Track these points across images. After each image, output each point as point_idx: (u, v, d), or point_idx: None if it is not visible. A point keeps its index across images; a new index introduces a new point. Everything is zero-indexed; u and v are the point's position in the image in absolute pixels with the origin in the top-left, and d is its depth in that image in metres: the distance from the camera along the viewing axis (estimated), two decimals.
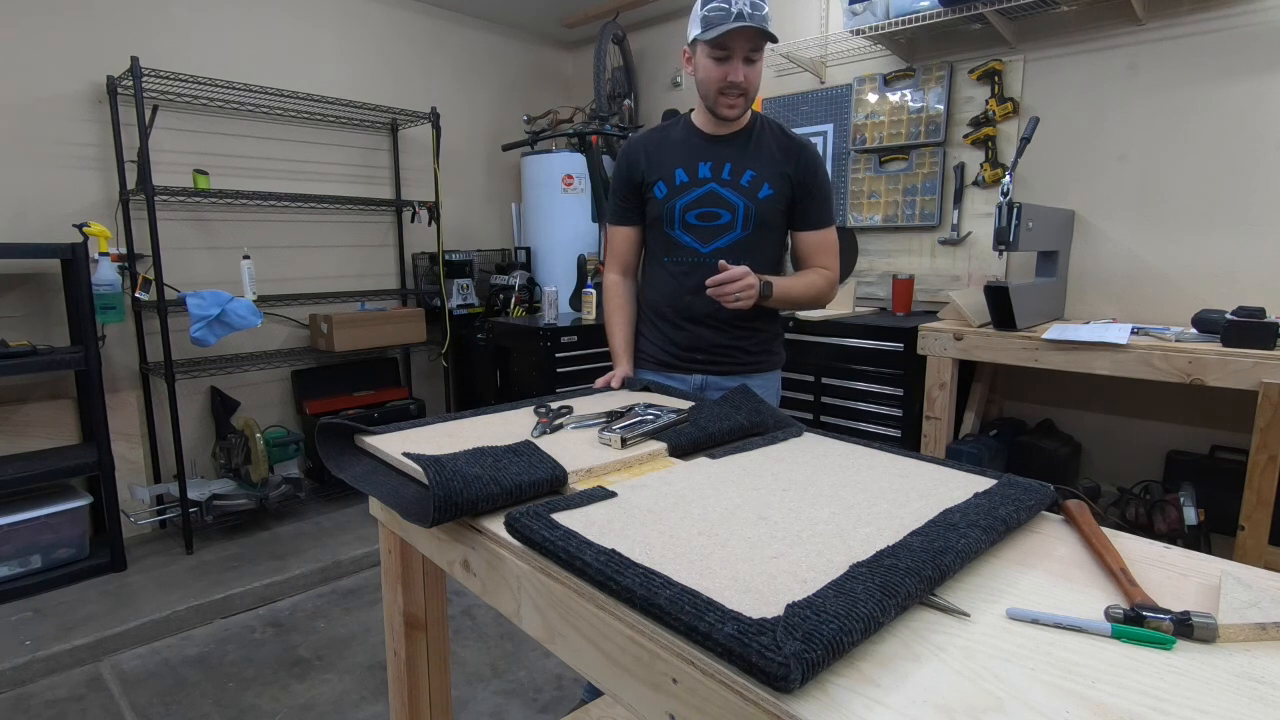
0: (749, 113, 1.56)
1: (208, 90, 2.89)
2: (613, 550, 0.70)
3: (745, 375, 1.61)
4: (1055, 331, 2.08)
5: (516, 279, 3.59)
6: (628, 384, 1.54)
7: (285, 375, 3.33)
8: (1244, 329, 1.83)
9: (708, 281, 1.41)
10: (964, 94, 2.72)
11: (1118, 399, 2.51)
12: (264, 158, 3.17)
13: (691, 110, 1.61)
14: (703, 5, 1.39)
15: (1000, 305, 2.15)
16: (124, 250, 2.73)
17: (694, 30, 1.43)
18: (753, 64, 1.45)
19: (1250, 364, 1.77)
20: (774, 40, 1.42)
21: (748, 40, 1.40)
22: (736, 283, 1.39)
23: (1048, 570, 0.73)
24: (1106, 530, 0.80)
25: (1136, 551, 0.78)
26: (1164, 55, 2.30)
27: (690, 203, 1.54)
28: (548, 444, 1.05)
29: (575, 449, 1.04)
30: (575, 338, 3.00)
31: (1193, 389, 2.26)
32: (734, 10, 1.35)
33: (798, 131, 3.20)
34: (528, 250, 3.79)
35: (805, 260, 1.61)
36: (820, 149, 3.16)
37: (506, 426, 1.17)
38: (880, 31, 2.63)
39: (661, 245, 1.60)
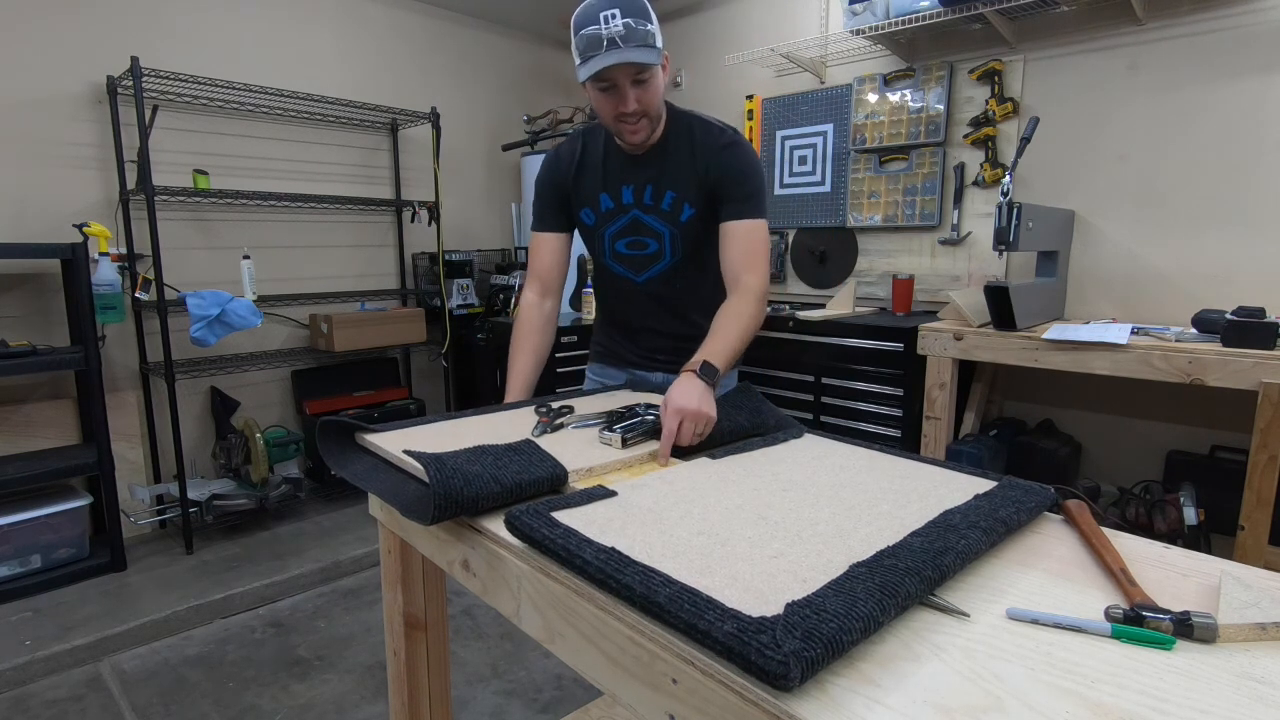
0: (661, 121, 1.40)
1: (208, 90, 2.89)
2: (612, 548, 0.70)
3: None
4: (1055, 331, 2.08)
5: (516, 279, 3.58)
6: (633, 384, 1.54)
7: (285, 375, 3.33)
8: (1244, 329, 1.83)
9: (660, 460, 1.04)
10: (964, 94, 2.72)
11: (1118, 399, 2.51)
12: (264, 158, 3.17)
13: None
14: (577, 43, 1.25)
15: (1000, 305, 2.15)
16: (124, 250, 2.73)
17: (580, 71, 1.29)
18: (644, 84, 1.29)
19: (1250, 364, 1.77)
20: (652, 63, 1.27)
21: (628, 68, 1.25)
22: (685, 433, 1.06)
23: (1048, 570, 0.73)
24: (1106, 530, 0.80)
25: (1136, 551, 0.78)
26: (1164, 55, 2.30)
27: (617, 231, 1.46)
28: (548, 443, 1.05)
29: (575, 448, 1.04)
30: (575, 338, 3.01)
31: (1193, 389, 2.26)
32: (604, 37, 1.22)
33: (793, 131, 3.24)
34: (528, 250, 3.78)
35: (726, 262, 1.39)
36: (820, 149, 3.17)
37: (507, 426, 1.17)
38: (880, 31, 2.63)
39: (599, 269, 1.55)
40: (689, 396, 1.08)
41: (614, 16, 1.21)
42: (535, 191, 1.53)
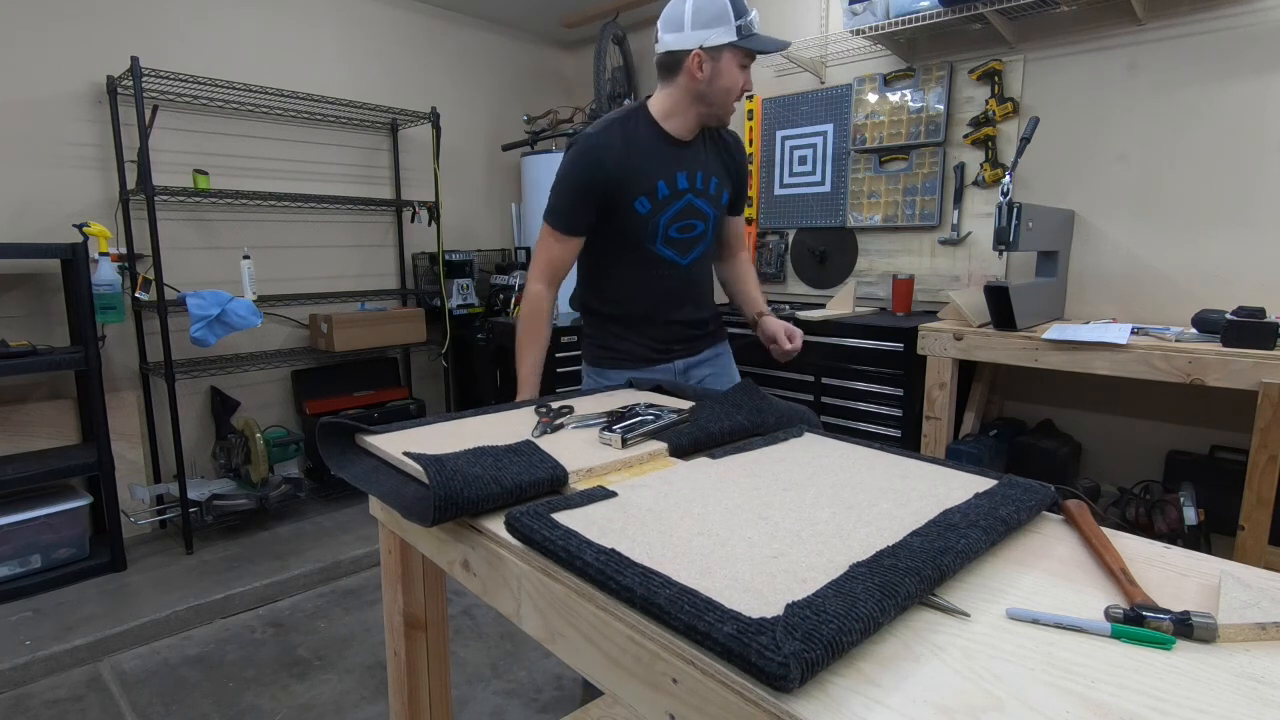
0: None
1: (208, 90, 2.89)
2: (613, 550, 0.70)
3: (712, 346, 1.71)
4: (1055, 331, 2.08)
5: (516, 279, 3.59)
6: (636, 383, 1.54)
7: (285, 375, 3.33)
8: (1244, 329, 1.83)
9: (782, 358, 1.63)
10: (964, 94, 2.72)
11: (1118, 399, 2.51)
12: (264, 158, 3.17)
13: (643, 106, 1.49)
14: (734, 14, 1.40)
15: (1000, 305, 2.15)
16: (124, 250, 2.73)
17: (723, 36, 1.40)
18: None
19: (1250, 364, 1.77)
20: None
21: (762, 55, 1.50)
22: (793, 345, 1.60)
23: (1048, 570, 0.73)
24: (1106, 530, 0.80)
25: (1136, 551, 0.78)
26: (1164, 55, 2.30)
27: (673, 216, 1.49)
28: (548, 444, 1.05)
29: (576, 449, 1.04)
30: (575, 338, 3.00)
31: (1193, 389, 2.26)
32: (753, 21, 1.43)
33: (793, 131, 3.25)
34: (528, 250, 3.78)
35: (730, 242, 1.73)
36: (820, 149, 3.17)
37: (507, 426, 1.17)
38: (880, 31, 2.63)
39: (635, 258, 1.53)
40: (783, 323, 1.61)
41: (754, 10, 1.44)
42: (564, 188, 1.46)
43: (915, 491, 0.89)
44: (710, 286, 1.68)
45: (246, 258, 2.90)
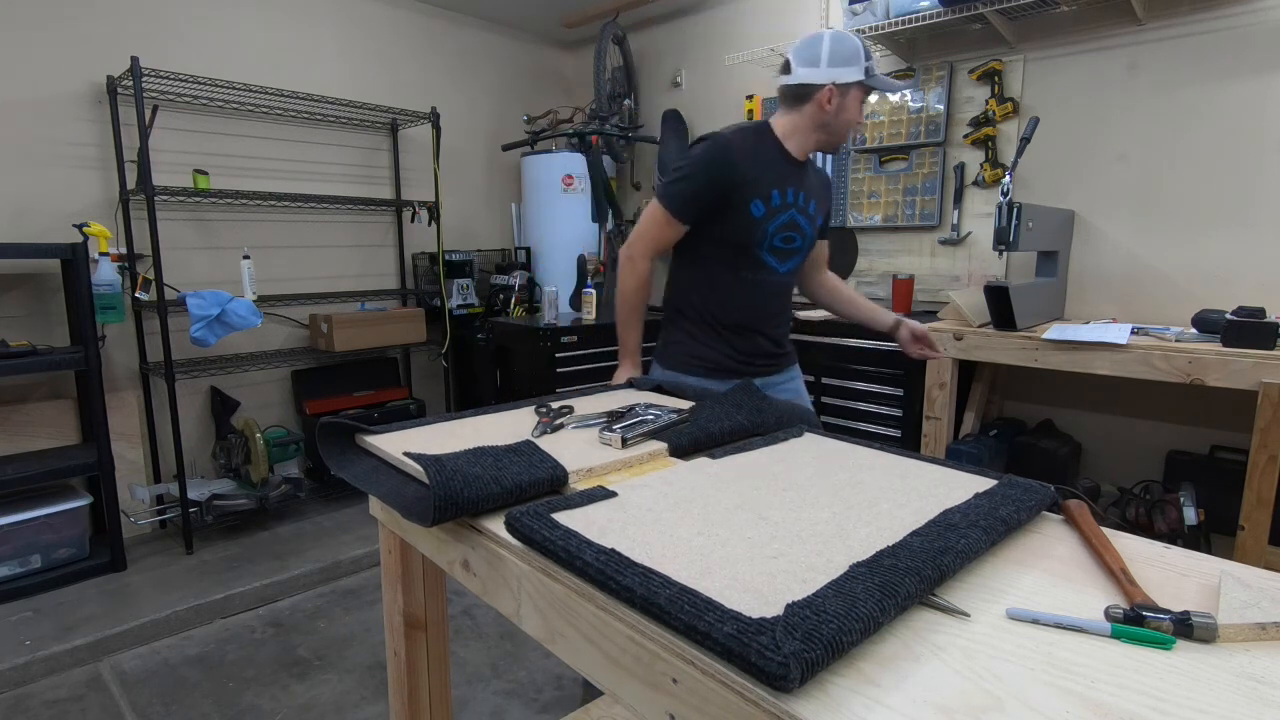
0: None
1: (208, 90, 2.89)
2: (613, 550, 0.70)
3: (788, 369, 1.77)
4: (1055, 331, 2.08)
5: (516, 279, 3.59)
6: (637, 383, 1.54)
7: (285, 375, 3.33)
8: (1244, 329, 1.83)
9: (927, 356, 1.74)
10: (964, 94, 2.72)
11: (1118, 399, 2.51)
12: (264, 158, 3.17)
13: (768, 124, 1.62)
14: (865, 56, 1.52)
15: (1000, 305, 2.15)
16: (124, 250, 2.73)
17: (852, 75, 1.52)
18: None
19: (1250, 364, 1.77)
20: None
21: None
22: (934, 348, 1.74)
23: (1048, 570, 0.73)
24: (1106, 530, 0.80)
25: (1136, 551, 0.78)
26: (1164, 55, 2.30)
27: (780, 225, 1.60)
28: (548, 444, 1.05)
29: (576, 449, 1.04)
30: (575, 338, 3.00)
31: (1193, 389, 2.26)
32: (874, 64, 1.55)
33: None
34: (528, 250, 3.79)
35: (820, 263, 1.83)
36: None
37: (507, 426, 1.18)
38: (880, 31, 2.63)
39: (740, 260, 1.60)
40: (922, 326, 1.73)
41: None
42: (691, 176, 1.55)
43: (915, 491, 0.89)
44: (791, 310, 1.77)
45: (246, 258, 2.90)
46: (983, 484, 0.91)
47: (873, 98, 2.81)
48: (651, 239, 1.60)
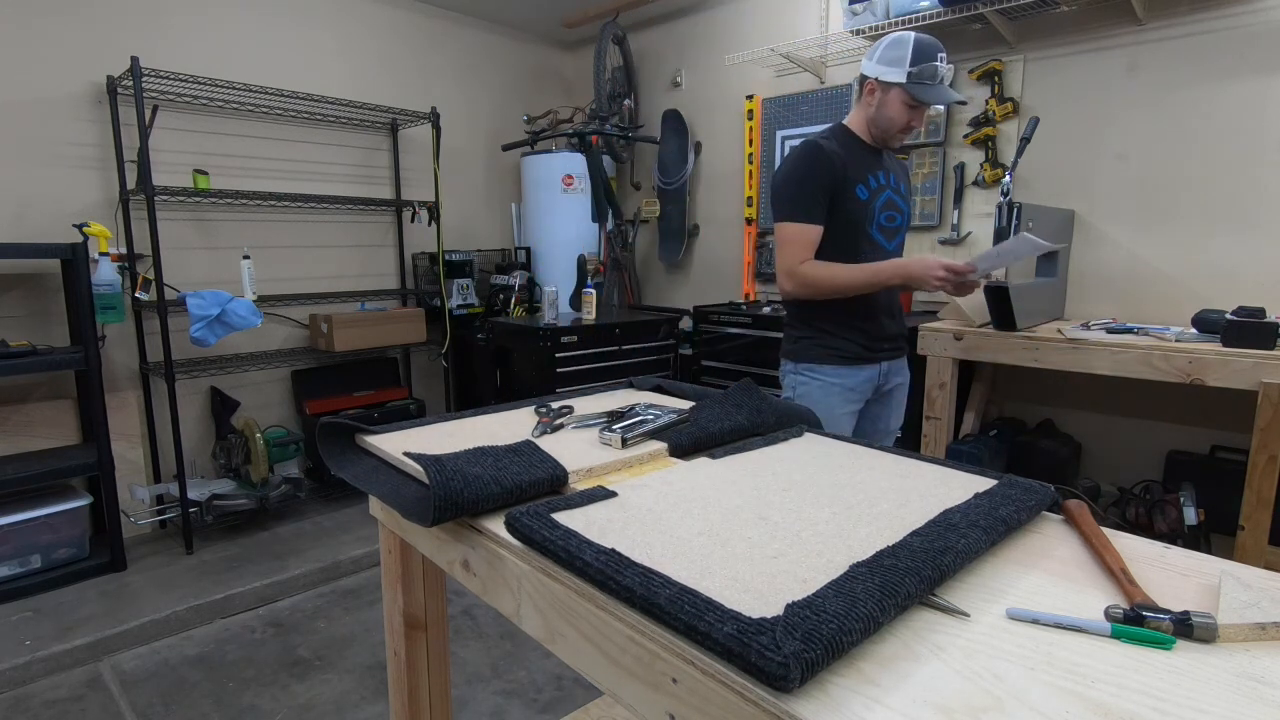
0: None
1: (208, 90, 2.89)
2: (613, 550, 0.70)
3: (905, 356, 1.86)
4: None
5: (516, 279, 3.59)
6: (637, 383, 1.54)
7: (285, 375, 3.33)
8: (1244, 329, 1.83)
9: (971, 275, 1.58)
10: (964, 94, 2.72)
11: (1118, 399, 2.51)
12: (264, 158, 3.17)
13: (841, 124, 1.73)
14: (913, 60, 1.58)
15: (1000, 305, 2.15)
16: (124, 250, 2.73)
17: (894, 75, 1.59)
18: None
19: (1250, 364, 1.77)
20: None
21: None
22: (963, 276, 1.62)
23: (1048, 570, 0.73)
24: (1106, 530, 0.80)
25: (1136, 551, 0.78)
26: (1164, 55, 2.30)
27: (883, 204, 1.72)
28: (548, 444, 1.05)
29: (576, 449, 1.04)
30: (575, 338, 3.00)
31: (1193, 389, 2.26)
32: (940, 74, 1.59)
33: (793, 131, 3.25)
34: (528, 250, 3.79)
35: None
36: None
37: (507, 426, 1.18)
38: (880, 31, 2.63)
39: (857, 243, 1.70)
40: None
41: (944, 60, 1.61)
42: (802, 183, 1.65)
43: (915, 492, 0.89)
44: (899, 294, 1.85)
45: (246, 258, 2.90)
46: (983, 484, 0.91)
47: (938, 108, 2.78)
48: (804, 245, 1.67)
